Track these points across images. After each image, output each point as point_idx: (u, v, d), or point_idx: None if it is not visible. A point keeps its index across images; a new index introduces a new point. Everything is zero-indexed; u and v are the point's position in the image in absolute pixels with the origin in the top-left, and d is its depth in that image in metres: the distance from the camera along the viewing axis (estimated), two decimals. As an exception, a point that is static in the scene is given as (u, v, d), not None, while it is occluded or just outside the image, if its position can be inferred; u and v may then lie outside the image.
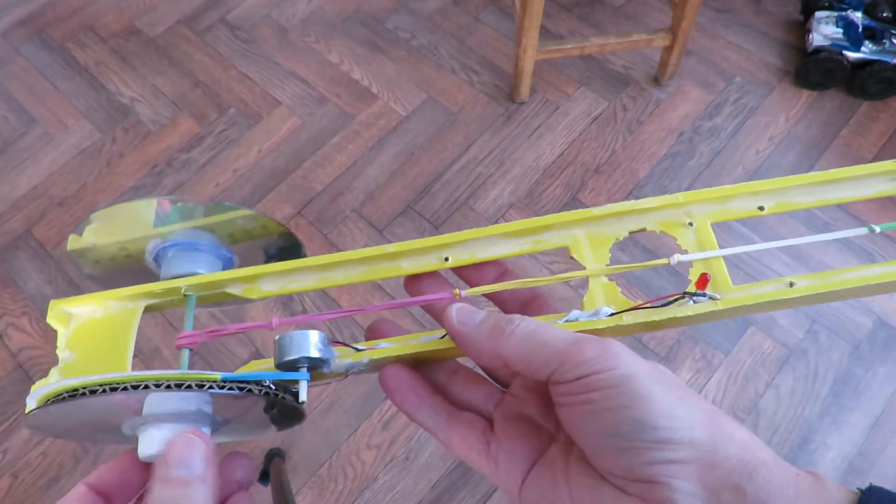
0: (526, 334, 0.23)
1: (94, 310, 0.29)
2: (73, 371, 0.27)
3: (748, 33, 1.22)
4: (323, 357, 0.24)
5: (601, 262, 0.28)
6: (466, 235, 0.28)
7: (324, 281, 0.29)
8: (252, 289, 0.29)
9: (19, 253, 1.03)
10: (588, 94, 1.16)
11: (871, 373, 0.89)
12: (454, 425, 0.26)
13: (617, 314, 0.26)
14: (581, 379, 0.21)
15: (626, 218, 0.28)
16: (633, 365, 0.21)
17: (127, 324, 0.28)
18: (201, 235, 0.30)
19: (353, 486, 0.84)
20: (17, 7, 1.32)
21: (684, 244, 0.27)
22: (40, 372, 0.92)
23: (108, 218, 0.29)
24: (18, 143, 1.15)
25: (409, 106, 1.16)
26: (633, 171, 1.07)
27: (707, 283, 0.26)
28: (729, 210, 0.28)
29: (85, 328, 0.28)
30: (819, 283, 0.26)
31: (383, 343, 0.27)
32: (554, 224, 0.28)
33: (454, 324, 0.24)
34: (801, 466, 0.79)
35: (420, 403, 0.26)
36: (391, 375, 0.27)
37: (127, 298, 0.29)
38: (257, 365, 0.26)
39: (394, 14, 1.28)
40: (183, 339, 0.28)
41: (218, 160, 1.11)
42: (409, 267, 0.29)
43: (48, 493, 0.85)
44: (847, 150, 1.08)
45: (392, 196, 1.06)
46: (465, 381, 0.28)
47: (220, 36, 1.27)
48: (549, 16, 1.26)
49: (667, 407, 0.21)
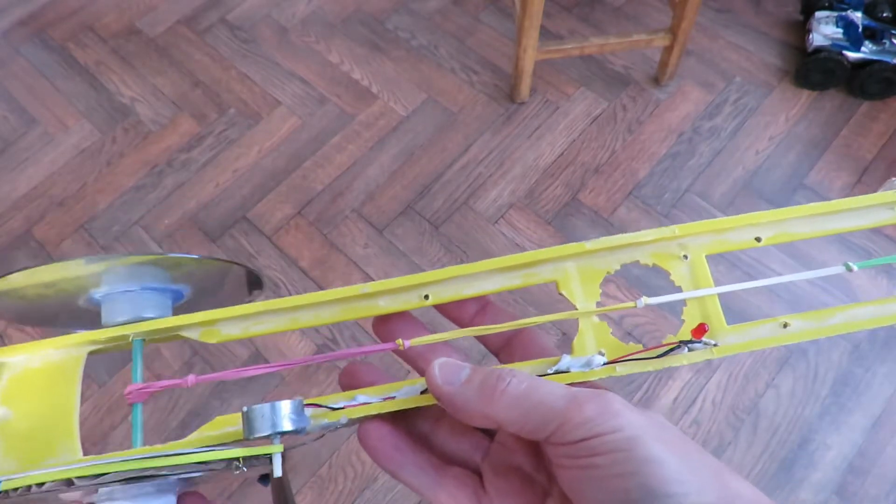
0: (519, 393, 0.22)
1: (29, 359, 0.25)
2: (10, 432, 0.24)
3: (748, 33, 1.22)
4: (297, 428, 0.22)
5: (591, 299, 0.26)
6: (450, 273, 0.26)
7: (293, 322, 0.27)
8: (211, 332, 0.26)
9: (19, 253, 1.03)
10: (588, 94, 1.16)
11: (871, 373, 0.89)
12: (442, 483, 0.24)
13: (610, 364, 0.25)
14: (583, 441, 0.20)
15: (618, 251, 0.27)
16: (637, 424, 0.21)
17: (70, 373, 0.25)
18: (145, 271, 0.27)
19: (353, 486, 0.84)
20: (17, 7, 1.32)
21: (677, 278, 0.27)
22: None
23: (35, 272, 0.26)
24: (18, 143, 1.15)
25: (409, 106, 1.16)
26: (633, 171, 1.07)
27: (705, 332, 0.25)
28: (725, 241, 0.27)
29: (21, 380, 0.25)
30: (813, 328, 0.26)
31: (361, 397, 0.25)
32: (543, 259, 0.26)
33: (438, 383, 0.23)
34: (800, 466, 0.79)
35: (404, 461, 0.25)
36: (371, 433, 0.25)
37: (68, 346, 0.26)
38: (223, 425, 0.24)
39: (394, 14, 1.28)
40: (133, 395, 0.25)
41: (218, 160, 1.11)
42: (388, 306, 0.27)
43: (48, 493, 0.85)
44: (847, 150, 1.08)
45: (392, 196, 1.06)
46: (449, 429, 0.26)
47: (220, 36, 1.27)
48: (549, 16, 1.26)
49: (676, 471, 0.20)
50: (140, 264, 0.26)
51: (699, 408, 0.88)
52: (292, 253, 1.02)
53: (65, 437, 0.24)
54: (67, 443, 0.24)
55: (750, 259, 0.98)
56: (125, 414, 0.89)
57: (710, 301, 0.26)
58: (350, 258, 1.01)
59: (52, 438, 0.24)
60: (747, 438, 0.86)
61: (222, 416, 0.25)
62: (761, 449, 0.85)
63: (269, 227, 1.04)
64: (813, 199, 1.03)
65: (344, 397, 0.25)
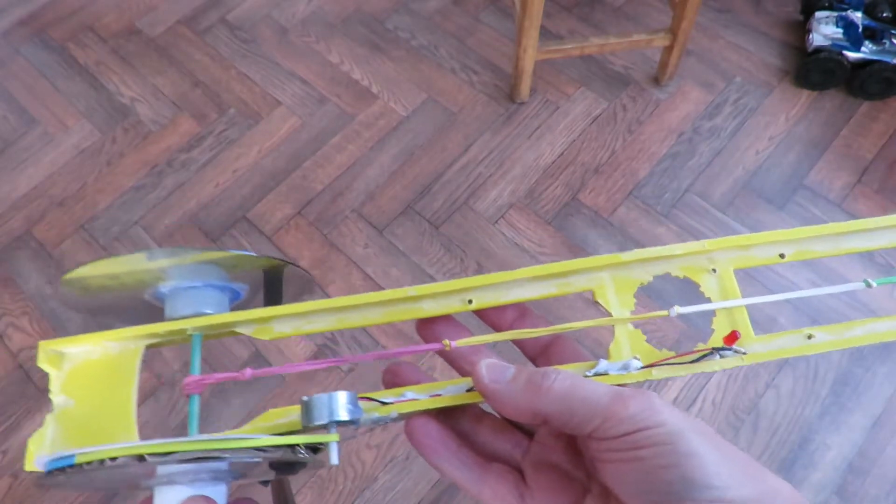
0: (564, 389, 0.23)
1: (89, 350, 0.26)
2: (71, 420, 0.25)
3: (748, 33, 1.22)
4: (352, 418, 0.24)
5: (626, 307, 0.28)
6: (492, 279, 0.27)
7: (341, 322, 0.28)
8: (264, 329, 0.27)
9: (19, 253, 1.03)
10: (588, 94, 1.16)
11: (871, 373, 0.89)
12: (485, 478, 0.26)
13: (646, 368, 0.26)
14: (628, 435, 0.21)
15: (651, 263, 0.28)
16: (679, 421, 0.21)
17: (128, 366, 0.26)
18: (205, 270, 0.28)
19: (353, 486, 0.84)
20: (17, 7, 1.32)
21: (707, 290, 0.28)
22: (40, 372, 0.92)
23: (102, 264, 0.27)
24: (18, 143, 1.15)
25: (409, 106, 1.16)
26: (633, 171, 1.07)
27: (736, 340, 0.26)
28: (751, 257, 0.28)
29: (81, 370, 0.26)
30: (837, 339, 0.27)
31: (410, 393, 0.26)
32: (581, 268, 0.28)
33: (486, 381, 0.24)
34: (800, 466, 0.79)
35: (450, 456, 0.26)
36: (419, 429, 0.26)
37: (127, 339, 0.27)
38: (275, 418, 0.25)
39: (394, 14, 1.28)
40: (191, 386, 0.26)
41: (218, 160, 1.11)
42: (431, 309, 0.28)
43: (48, 494, 0.85)
44: (847, 151, 1.08)
45: (392, 196, 1.06)
46: (491, 429, 0.28)
47: (220, 36, 1.27)
48: (549, 16, 1.26)
49: (716, 465, 0.21)
50: (206, 262, 0.27)
51: (699, 408, 0.88)
52: (292, 253, 1.02)
53: (123, 427, 0.25)
54: (125, 433, 0.25)
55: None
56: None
57: (738, 312, 0.27)
58: (350, 258, 1.01)
59: (110, 428, 0.25)
60: (747, 438, 0.86)
61: (274, 409, 0.26)
62: (761, 449, 0.85)
63: (269, 227, 1.04)
64: (813, 200, 1.03)
65: (392, 394, 0.26)
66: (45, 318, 0.97)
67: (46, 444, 0.24)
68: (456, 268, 0.99)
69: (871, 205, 1.02)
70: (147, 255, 0.26)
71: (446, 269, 0.99)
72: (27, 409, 0.90)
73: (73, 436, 0.25)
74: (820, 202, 1.03)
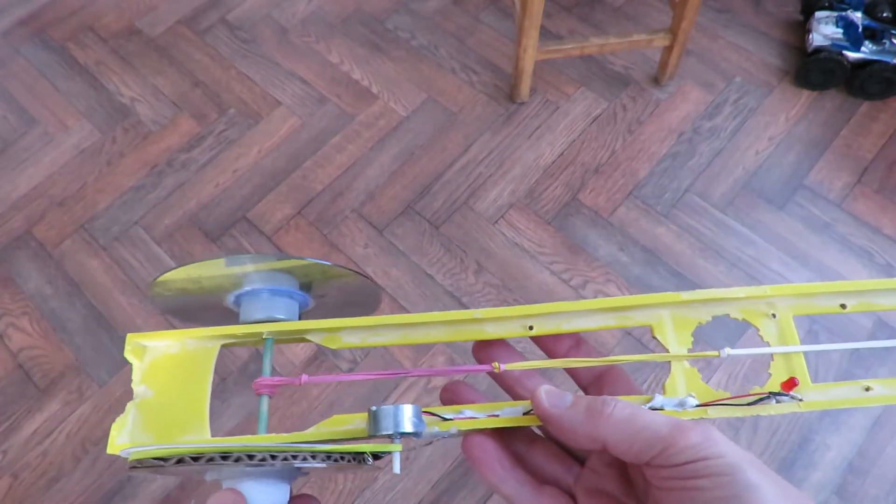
0: (624, 417, 0.23)
1: (170, 345, 0.28)
2: (149, 409, 0.27)
3: (748, 33, 1.22)
4: (416, 431, 0.25)
5: (683, 345, 0.28)
6: (554, 308, 0.28)
7: (405, 337, 0.29)
8: (333, 338, 0.29)
9: (19, 253, 1.03)
10: (588, 94, 1.16)
11: (871, 373, 0.89)
12: (539, 498, 0.26)
13: (702, 406, 0.26)
14: (688, 464, 0.21)
15: (711, 304, 0.28)
16: (738, 454, 0.22)
17: (204, 363, 0.28)
18: (279, 277, 0.30)
19: (353, 486, 0.84)
20: (17, 7, 1.32)
21: (766, 335, 0.28)
22: (40, 372, 0.93)
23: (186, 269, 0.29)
24: (18, 143, 1.15)
25: (409, 106, 1.16)
26: (633, 171, 1.07)
27: (794, 386, 0.26)
28: (812, 305, 0.28)
29: (160, 363, 0.28)
30: (893, 394, 0.27)
31: (468, 411, 0.27)
32: (641, 304, 0.28)
33: (546, 406, 0.25)
34: (800, 466, 0.79)
35: (505, 475, 0.26)
36: (476, 446, 0.27)
37: (205, 338, 0.28)
38: (341, 424, 0.26)
39: (394, 14, 1.28)
40: (264, 388, 0.27)
41: (218, 160, 1.11)
42: (493, 332, 0.29)
43: (48, 494, 0.85)
44: (847, 151, 1.08)
45: (392, 196, 1.06)
46: (544, 453, 0.28)
47: (220, 36, 1.27)
48: (549, 16, 1.26)
49: (775, 498, 0.21)
50: (281, 269, 0.29)
51: (699, 408, 0.88)
52: (292, 253, 1.02)
53: (196, 420, 0.27)
54: (198, 426, 0.26)
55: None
56: (125, 414, 0.89)
57: (796, 358, 0.28)
58: (350, 258, 1.01)
59: (185, 420, 0.27)
60: (747, 438, 0.86)
61: (339, 416, 0.27)
62: (761, 449, 0.85)
63: (269, 227, 1.04)
64: (813, 200, 1.03)
65: (451, 410, 0.27)
66: (45, 318, 0.97)
67: (126, 431, 0.26)
68: (456, 268, 0.99)
69: (872, 205, 1.02)
70: (227, 261, 0.28)
71: (446, 269, 0.99)
72: (27, 409, 0.90)
73: (151, 425, 0.27)
74: (820, 202, 1.03)
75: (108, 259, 1.02)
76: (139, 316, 0.97)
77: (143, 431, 0.26)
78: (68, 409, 0.90)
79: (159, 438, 0.26)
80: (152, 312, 0.97)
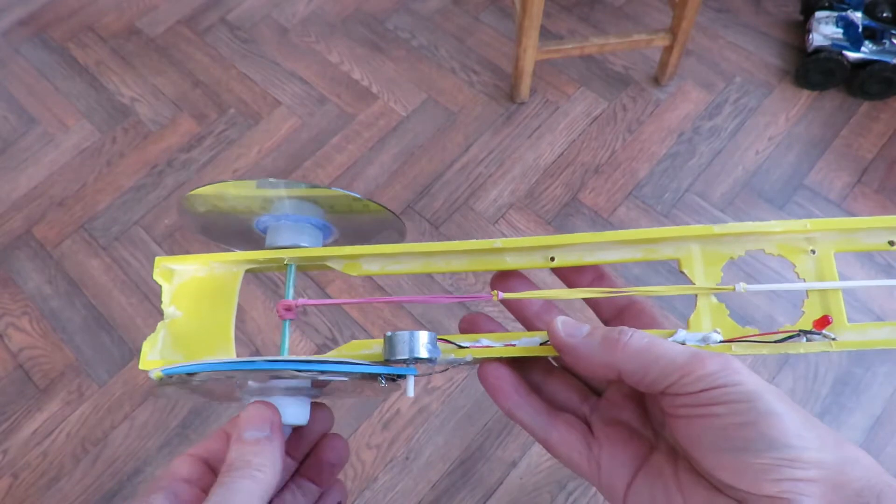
0: (641, 346, 0.23)
1: (197, 269, 0.29)
2: (178, 329, 0.28)
3: (748, 33, 1.22)
4: (431, 357, 0.25)
5: (712, 281, 0.27)
6: (577, 238, 0.27)
7: (426, 266, 0.29)
8: (353, 265, 0.29)
9: (19, 253, 1.03)
10: (588, 94, 1.16)
11: (871, 373, 0.89)
12: (555, 425, 0.26)
13: (726, 342, 0.25)
14: (704, 392, 0.21)
15: (745, 238, 0.27)
16: (758, 382, 0.22)
17: (230, 286, 0.29)
18: (305, 207, 0.30)
19: (353, 486, 0.84)
20: (17, 7, 1.32)
21: (802, 272, 0.27)
22: (40, 372, 0.93)
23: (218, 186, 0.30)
24: (18, 143, 1.15)
25: (409, 106, 1.16)
26: (633, 171, 1.07)
27: (827, 325, 0.25)
28: (856, 241, 0.26)
29: (188, 286, 0.29)
30: None
31: (485, 340, 0.27)
32: (670, 237, 0.27)
33: (562, 335, 0.24)
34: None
35: (521, 402, 0.27)
36: (491, 373, 0.27)
37: (231, 262, 0.29)
38: (359, 348, 0.27)
39: (394, 14, 1.28)
40: (289, 313, 0.28)
41: (218, 160, 1.11)
42: (514, 262, 0.28)
43: (48, 493, 0.85)
44: (847, 151, 1.08)
45: (392, 196, 1.06)
46: (560, 382, 0.28)
47: (220, 36, 1.27)
48: (549, 16, 1.26)
49: (796, 426, 0.21)
50: (308, 198, 0.29)
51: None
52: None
53: (222, 341, 0.28)
54: (224, 346, 0.27)
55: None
56: (125, 414, 0.89)
57: (833, 296, 0.26)
58: (350, 258, 1.01)
59: (211, 340, 0.28)
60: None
61: (357, 340, 0.27)
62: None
63: (269, 227, 1.04)
64: (813, 200, 1.03)
65: (468, 339, 0.27)
66: (45, 318, 0.97)
67: (157, 349, 0.27)
68: (456, 268, 0.99)
69: (872, 205, 1.02)
70: (258, 183, 0.29)
71: (446, 269, 0.99)
72: (27, 409, 0.90)
73: (180, 344, 0.28)
74: (820, 202, 1.03)
75: (107, 259, 1.02)
76: (139, 316, 0.97)
77: (174, 350, 0.28)
78: (68, 409, 0.90)
79: (188, 357, 0.27)
80: (152, 312, 0.97)
